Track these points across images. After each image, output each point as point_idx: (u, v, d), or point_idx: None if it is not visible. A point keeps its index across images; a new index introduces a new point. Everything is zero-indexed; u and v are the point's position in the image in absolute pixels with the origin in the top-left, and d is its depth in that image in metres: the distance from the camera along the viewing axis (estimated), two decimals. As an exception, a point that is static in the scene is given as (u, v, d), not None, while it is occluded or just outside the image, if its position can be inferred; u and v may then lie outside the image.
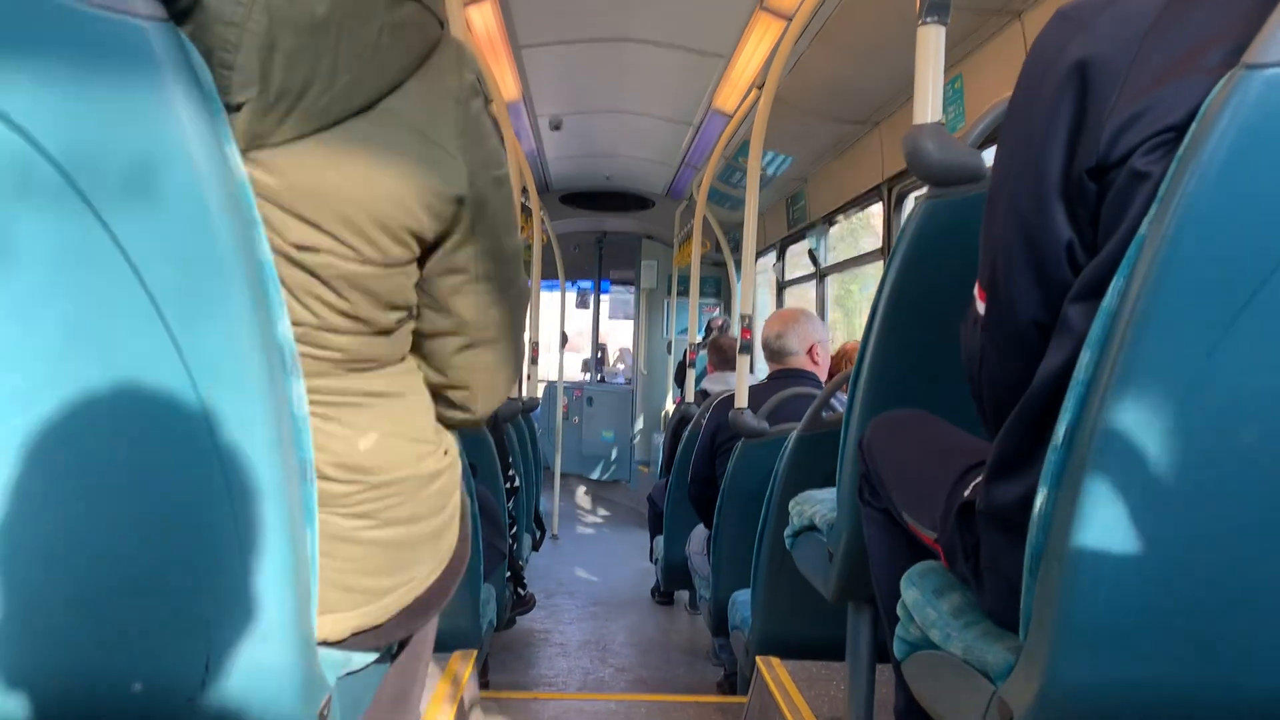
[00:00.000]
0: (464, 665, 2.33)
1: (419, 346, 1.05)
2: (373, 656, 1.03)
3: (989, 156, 1.20)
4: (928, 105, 1.51)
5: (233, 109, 0.80)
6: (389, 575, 0.99)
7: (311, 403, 0.90)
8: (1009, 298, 0.92)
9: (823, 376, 3.24)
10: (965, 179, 1.40)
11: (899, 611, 1.20)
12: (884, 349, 1.53)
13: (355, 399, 0.96)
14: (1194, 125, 0.76)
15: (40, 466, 0.79)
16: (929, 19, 1.50)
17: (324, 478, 0.92)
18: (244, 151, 0.82)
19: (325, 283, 0.89)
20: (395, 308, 0.96)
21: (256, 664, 0.84)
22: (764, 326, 3.31)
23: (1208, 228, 0.75)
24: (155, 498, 0.81)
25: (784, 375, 3.19)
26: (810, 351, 3.20)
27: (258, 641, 0.83)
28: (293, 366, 0.85)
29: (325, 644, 0.94)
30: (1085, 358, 0.82)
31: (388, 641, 1.04)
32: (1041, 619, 0.86)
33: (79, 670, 0.84)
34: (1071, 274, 0.87)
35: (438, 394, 1.10)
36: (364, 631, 0.97)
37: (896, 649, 1.21)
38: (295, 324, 0.88)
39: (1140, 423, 0.79)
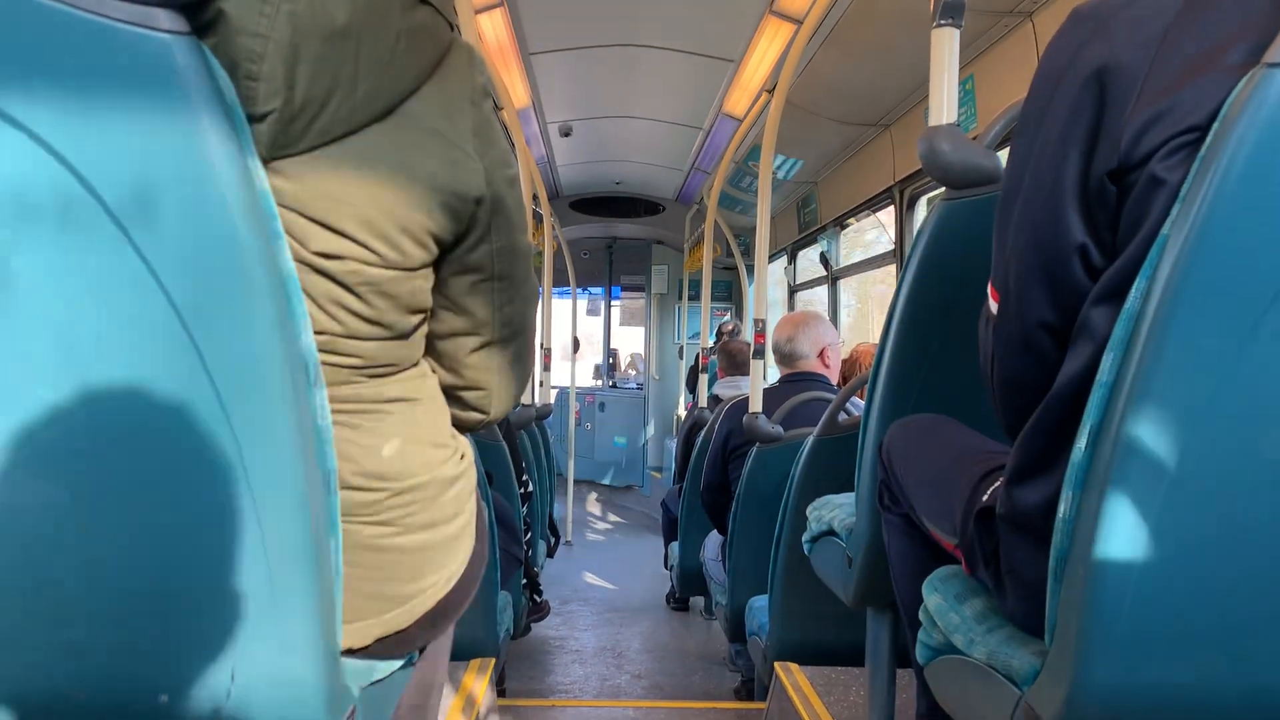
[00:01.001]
0: (481, 673, 2.33)
1: (432, 349, 1.06)
2: (396, 665, 1.03)
3: (1005, 157, 1.19)
4: (943, 107, 1.50)
5: (256, 119, 0.81)
6: (412, 581, 0.99)
7: (334, 411, 0.90)
8: (1019, 299, 0.92)
9: (834, 379, 3.23)
10: (982, 180, 1.39)
11: (921, 616, 1.19)
12: (902, 351, 1.53)
13: (376, 406, 0.96)
14: (1215, 125, 0.75)
15: (66, 478, 0.80)
16: (943, 21, 1.50)
17: (348, 487, 0.92)
18: (267, 161, 0.82)
19: (350, 289, 0.89)
20: (415, 311, 0.97)
21: (282, 675, 0.84)
22: (775, 330, 3.30)
23: (1230, 228, 0.75)
24: (180, 510, 0.81)
25: (795, 379, 3.18)
26: (821, 354, 3.19)
27: (283, 653, 0.84)
28: (315, 377, 0.85)
29: (350, 652, 0.94)
30: (1108, 360, 0.82)
31: (410, 648, 1.04)
32: (1068, 623, 0.86)
33: (106, 682, 0.84)
34: (1085, 277, 0.87)
35: (452, 396, 1.10)
36: (387, 638, 0.98)
37: (919, 654, 1.21)
38: (319, 333, 0.88)
39: (1165, 425, 0.78)
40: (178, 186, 0.75)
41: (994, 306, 0.98)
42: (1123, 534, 0.80)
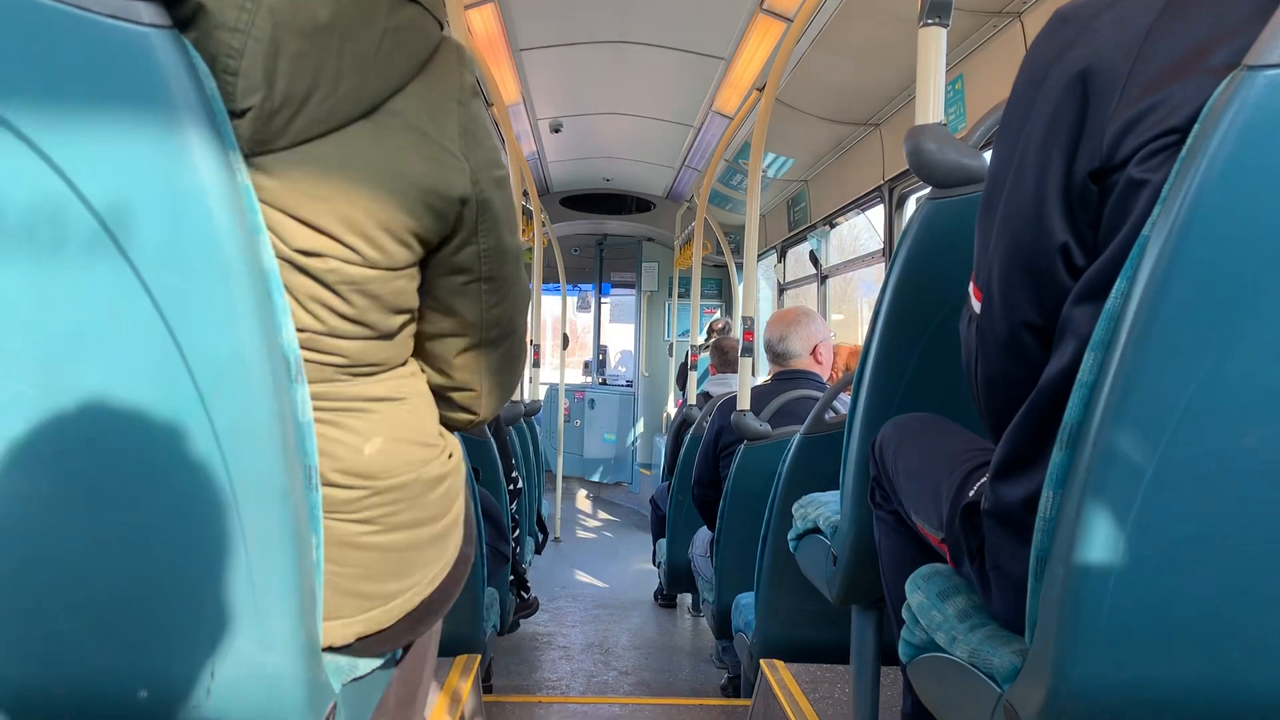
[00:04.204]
0: (467, 670, 2.33)
1: (421, 349, 1.05)
2: (378, 662, 1.03)
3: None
4: (929, 106, 1.50)
5: (237, 115, 0.80)
6: (394, 580, 0.99)
7: (316, 409, 0.90)
8: (1002, 299, 0.93)
9: (826, 376, 3.22)
10: (967, 180, 1.39)
11: (904, 614, 1.20)
12: (887, 350, 1.53)
13: (360, 404, 0.96)
14: (1196, 126, 0.75)
15: (45, 473, 0.79)
16: (930, 20, 1.50)
17: (329, 484, 0.92)
18: (248, 157, 0.82)
19: (330, 288, 0.89)
20: (399, 311, 0.96)
21: (261, 670, 0.84)
22: (766, 328, 3.29)
23: (1210, 229, 0.75)
24: (160, 505, 0.81)
25: (787, 377, 3.17)
26: (814, 352, 3.18)
27: (263, 648, 0.83)
28: (297, 373, 0.85)
29: (331, 650, 0.94)
30: (1089, 360, 0.82)
31: (393, 646, 1.03)
32: (1048, 621, 0.86)
33: (85, 677, 0.84)
34: (1067, 277, 0.87)
35: (441, 396, 1.10)
36: (369, 636, 0.97)
37: (902, 652, 1.21)
38: (300, 330, 0.88)
39: (1144, 424, 0.79)
40: (157, 180, 0.75)
41: (976, 306, 0.98)
42: (1102, 533, 0.80)
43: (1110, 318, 0.80)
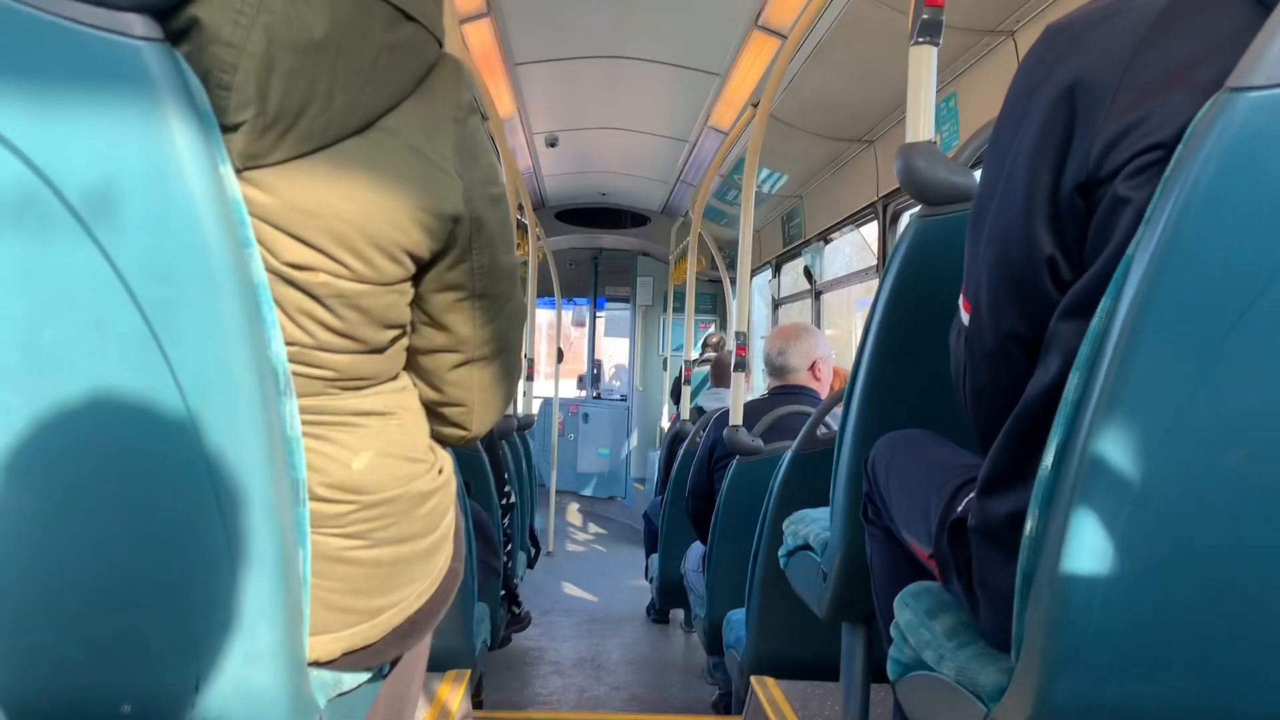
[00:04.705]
0: (457, 685, 2.32)
1: (414, 364, 1.05)
2: (364, 677, 1.02)
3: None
4: (920, 124, 1.51)
5: (229, 129, 0.80)
6: (381, 595, 0.98)
7: (304, 422, 0.89)
8: (990, 311, 0.93)
9: (824, 393, 3.22)
10: (956, 197, 1.40)
11: (893, 632, 1.20)
12: (877, 366, 1.54)
13: (348, 418, 0.96)
14: (1180, 148, 0.76)
15: (31, 484, 0.79)
16: (921, 39, 1.51)
17: (316, 498, 0.91)
18: (239, 171, 0.82)
19: (320, 301, 0.89)
20: (389, 326, 0.96)
21: (246, 685, 0.83)
22: (767, 342, 3.30)
23: (1193, 250, 0.75)
24: (146, 517, 0.80)
25: (785, 392, 3.17)
26: (812, 368, 3.18)
27: (248, 662, 0.83)
28: (285, 386, 0.85)
29: (316, 664, 0.94)
30: (1074, 379, 0.82)
31: (379, 662, 1.03)
32: (1033, 640, 0.86)
33: (68, 690, 0.83)
34: (1054, 290, 0.88)
35: (433, 412, 1.09)
36: (355, 651, 0.97)
37: (890, 670, 1.21)
38: (289, 343, 0.88)
39: (1129, 444, 0.79)
40: (147, 192, 0.75)
41: (965, 318, 0.99)
42: (1087, 553, 0.81)
43: (1095, 337, 0.80)
